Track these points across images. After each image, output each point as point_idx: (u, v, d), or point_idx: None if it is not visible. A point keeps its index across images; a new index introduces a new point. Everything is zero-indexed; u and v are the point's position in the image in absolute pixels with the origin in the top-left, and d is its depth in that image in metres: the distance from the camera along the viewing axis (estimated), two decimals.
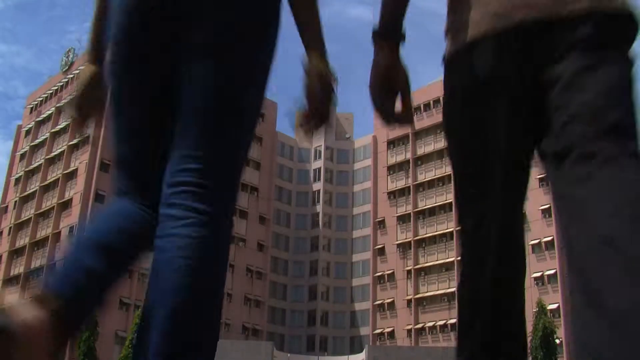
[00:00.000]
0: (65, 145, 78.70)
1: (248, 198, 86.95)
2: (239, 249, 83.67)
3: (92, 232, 2.05)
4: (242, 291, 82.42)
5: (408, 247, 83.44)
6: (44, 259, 74.81)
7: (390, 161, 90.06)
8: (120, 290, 70.03)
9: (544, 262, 71.46)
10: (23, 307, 1.71)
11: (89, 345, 57.08)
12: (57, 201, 76.00)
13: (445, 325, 75.68)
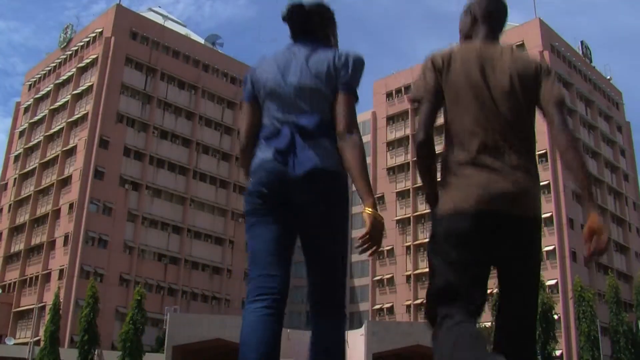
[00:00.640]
0: (64, 122, 78.55)
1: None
2: (238, 225, 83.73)
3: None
4: (242, 267, 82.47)
5: (407, 223, 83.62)
6: (44, 235, 74.94)
7: (389, 137, 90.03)
8: (121, 267, 70.35)
9: (542, 238, 70.65)
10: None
11: (89, 321, 57.21)
12: (57, 178, 75.97)
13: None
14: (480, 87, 3.29)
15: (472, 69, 3.32)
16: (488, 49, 3.41)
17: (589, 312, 57.10)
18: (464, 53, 3.39)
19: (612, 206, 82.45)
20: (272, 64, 3.47)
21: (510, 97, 3.29)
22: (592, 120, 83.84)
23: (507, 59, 3.38)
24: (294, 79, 3.37)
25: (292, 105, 3.35)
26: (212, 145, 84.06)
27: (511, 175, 3.20)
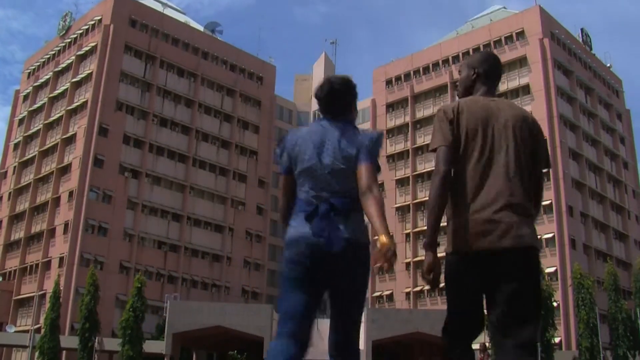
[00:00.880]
0: (64, 110, 78.45)
1: (247, 162, 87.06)
2: (238, 212, 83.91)
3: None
4: (242, 254, 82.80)
5: (407, 211, 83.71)
6: (44, 223, 75.03)
7: (389, 124, 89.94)
8: (121, 255, 70.48)
9: (542, 226, 71.57)
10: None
11: (90, 309, 57.47)
12: (57, 166, 75.96)
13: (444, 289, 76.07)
14: (484, 139, 3.86)
15: (479, 122, 3.89)
16: (492, 103, 3.97)
17: (588, 300, 57.29)
18: (470, 107, 3.94)
19: (611, 194, 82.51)
20: (308, 143, 4.03)
21: (511, 145, 3.85)
22: (592, 108, 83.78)
23: (508, 112, 3.95)
24: (329, 161, 3.95)
25: (327, 184, 3.93)
26: (211, 132, 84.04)
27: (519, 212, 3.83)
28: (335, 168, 3.92)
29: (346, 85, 4.19)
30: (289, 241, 3.96)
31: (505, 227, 3.70)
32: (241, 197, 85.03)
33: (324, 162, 3.94)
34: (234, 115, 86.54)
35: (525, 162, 3.87)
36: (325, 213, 3.85)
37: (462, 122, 3.88)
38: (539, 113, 75.34)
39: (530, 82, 77.54)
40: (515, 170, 3.81)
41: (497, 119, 3.89)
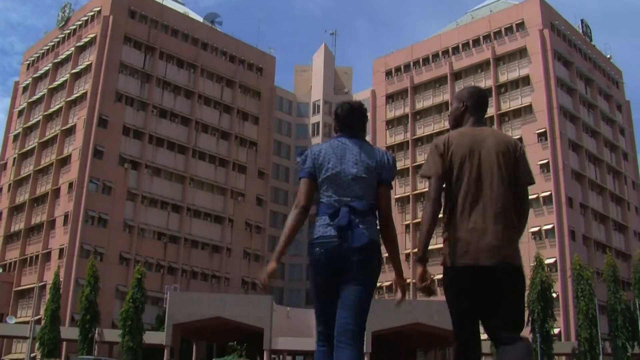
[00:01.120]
0: (63, 101, 78.39)
1: (247, 153, 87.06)
2: (237, 203, 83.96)
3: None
4: (242, 245, 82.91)
5: (406, 202, 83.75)
6: (44, 215, 75.06)
7: (388, 115, 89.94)
8: (121, 246, 70.54)
9: (541, 217, 71.73)
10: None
11: (90, 300, 57.55)
12: (56, 157, 75.94)
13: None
14: (474, 167, 4.45)
15: (467, 151, 4.47)
16: (477, 134, 4.56)
17: (587, 291, 57.43)
18: (459, 139, 4.54)
19: (611, 185, 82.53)
20: (331, 154, 4.64)
21: (497, 171, 4.43)
22: (592, 99, 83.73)
23: (492, 140, 4.51)
24: (352, 170, 4.57)
25: (349, 190, 4.54)
26: (211, 123, 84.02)
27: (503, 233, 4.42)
28: (358, 176, 4.55)
29: (362, 107, 4.90)
30: (315, 240, 4.60)
31: (493, 248, 4.32)
32: (241, 188, 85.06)
33: (347, 170, 4.56)
34: (233, 106, 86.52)
35: (509, 182, 4.47)
36: (347, 215, 4.46)
37: (452, 152, 4.47)
38: (538, 104, 75.41)
39: (530, 73, 77.47)
40: (500, 192, 4.42)
41: (482, 146, 4.46)
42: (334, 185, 4.57)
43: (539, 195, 72.47)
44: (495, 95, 79.45)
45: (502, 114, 78.78)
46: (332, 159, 4.61)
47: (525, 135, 75.78)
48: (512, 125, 77.75)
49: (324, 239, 4.53)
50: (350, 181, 4.55)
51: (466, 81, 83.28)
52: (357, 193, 4.54)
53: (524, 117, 76.86)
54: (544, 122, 74.83)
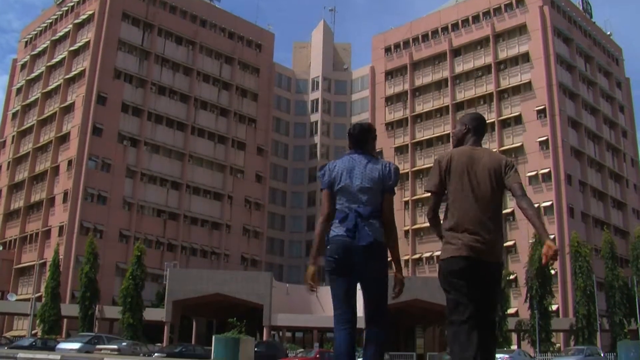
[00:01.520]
0: (62, 79, 78.22)
1: (246, 129, 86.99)
2: (237, 180, 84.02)
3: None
4: (241, 222, 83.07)
5: (405, 178, 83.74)
6: (43, 192, 75.12)
7: (388, 92, 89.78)
8: (121, 223, 70.64)
9: (540, 194, 71.81)
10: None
11: (90, 277, 57.79)
12: (55, 135, 75.90)
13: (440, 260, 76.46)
14: (468, 180, 5.28)
15: (464, 167, 5.31)
16: (473, 153, 5.40)
17: (585, 268, 57.67)
18: (458, 156, 5.38)
19: (610, 162, 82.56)
20: (342, 169, 5.54)
21: (488, 184, 5.26)
22: (592, 76, 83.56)
23: (486, 159, 5.35)
24: (358, 182, 5.45)
25: (356, 199, 5.41)
26: (210, 100, 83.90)
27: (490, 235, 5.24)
28: (363, 186, 5.44)
29: (372, 128, 5.87)
30: (330, 240, 5.44)
31: (484, 243, 5.14)
32: (240, 165, 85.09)
33: (354, 182, 5.46)
34: (232, 83, 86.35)
35: (499, 194, 5.33)
36: (354, 219, 5.33)
37: (452, 167, 5.33)
38: (538, 81, 75.26)
39: (529, 49, 77.25)
40: (489, 202, 5.26)
41: (479, 164, 5.31)
42: (345, 194, 5.47)
43: (538, 172, 72.55)
44: (495, 72, 79.30)
45: (501, 91, 78.65)
46: (343, 173, 5.53)
47: (524, 112, 75.74)
48: (511, 102, 77.65)
49: (337, 238, 5.38)
50: (357, 191, 5.43)
51: (465, 58, 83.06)
52: (363, 201, 5.41)
53: (524, 94, 76.73)
54: (544, 99, 74.72)
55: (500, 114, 77.77)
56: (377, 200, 5.45)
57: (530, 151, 73.81)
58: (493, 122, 77.83)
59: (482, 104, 79.91)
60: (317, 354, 41.53)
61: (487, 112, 78.95)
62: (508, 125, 77.45)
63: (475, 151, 5.44)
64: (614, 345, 48.08)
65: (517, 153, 74.97)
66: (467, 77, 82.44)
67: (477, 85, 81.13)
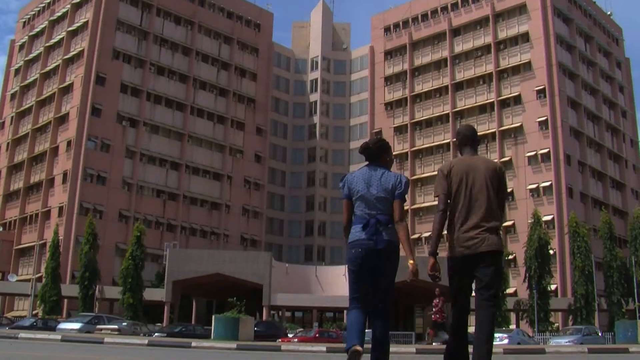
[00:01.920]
0: (60, 59, 78.00)
1: (245, 109, 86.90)
2: (236, 160, 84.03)
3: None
4: (240, 202, 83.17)
5: (405, 158, 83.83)
6: (42, 173, 75.13)
7: (387, 72, 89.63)
8: (120, 203, 70.71)
9: (539, 174, 71.91)
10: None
11: (90, 258, 57.93)
12: (54, 115, 75.79)
13: (442, 237, 76.59)
14: (468, 186, 6.24)
15: (463, 175, 6.27)
16: (472, 162, 6.37)
17: (583, 248, 57.78)
18: (458, 165, 6.36)
19: (609, 143, 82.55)
20: (360, 180, 6.34)
21: (484, 188, 6.23)
22: (592, 56, 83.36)
23: (483, 166, 6.32)
24: (375, 191, 6.25)
25: (374, 206, 6.23)
26: (209, 80, 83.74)
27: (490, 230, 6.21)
28: (379, 196, 6.24)
29: (385, 143, 6.56)
30: (350, 243, 6.28)
31: (482, 240, 6.11)
32: (239, 145, 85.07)
33: (371, 192, 6.27)
34: (231, 63, 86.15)
35: (494, 196, 6.28)
36: (374, 224, 6.17)
37: (453, 175, 6.30)
38: (537, 61, 75.07)
39: (529, 29, 77.00)
40: (488, 204, 6.21)
41: (476, 171, 6.27)
42: (363, 202, 6.28)
43: (537, 152, 72.57)
44: (494, 52, 79.10)
45: (500, 71, 78.50)
46: (360, 184, 6.33)
47: (524, 92, 75.63)
48: (510, 82, 77.52)
49: (358, 242, 6.21)
50: (374, 200, 6.25)
51: (465, 37, 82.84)
52: (380, 209, 6.23)
53: (523, 74, 76.58)
54: (543, 79, 74.59)
55: (500, 94, 77.68)
56: (390, 208, 6.27)
57: (530, 131, 73.80)
58: (492, 102, 77.81)
59: (482, 84, 79.82)
60: (317, 333, 41.77)
61: (486, 92, 78.95)
62: (507, 106, 77.38)
63: (473, 160, 6.41)
64: (612, 325, 48.31)
65: (517, 133, 74.99)
66: (467, 57, 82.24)
67: (476, 65, 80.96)
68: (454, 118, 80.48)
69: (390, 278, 6.29)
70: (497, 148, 75.80)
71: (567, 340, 38.59)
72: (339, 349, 20.03)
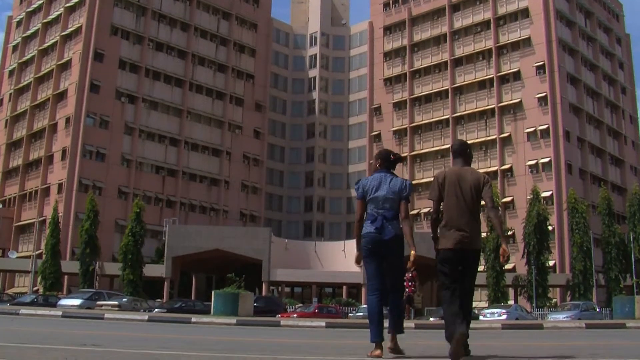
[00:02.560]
0: (58, 35, 77.64)
1: (244, 85, 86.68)
2: (235, 136, 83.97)
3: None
4: (240, 178, 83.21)
5: (404, 134, 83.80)
6: (41, 150, 75.10)
7: (386, 47, 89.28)
8: (119, 180, 70.77)
9: (538, 150, 71.93)
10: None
11: (90, 234, 58.07)
12: (52, 92, 75.60)
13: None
14: (457, 192, 7.33)
15: (454, 183, 7.36)
16: (461, 172, 7.47)
17: (582, 224, 57.93)
18: (450, 175, 7.46)
19: (608, 119, 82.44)
20: (373, 184, 7.69)
21: (470, 195, 7.33)
22: (591, 32, 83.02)
23: (470, 177, 7.42)
24: (384, 193, 7.60)
25: (382, 206, 7.58)
26: (207, 56, 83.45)
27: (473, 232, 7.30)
28: (387, 197, 7.61)
29: (398, 156, 8.05)
30: (363, 235, 7.62)
31: (467, 237, 7.22)
32: (238, 121, 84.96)
33: (381, 194, 7.62)
34: (230, 39, 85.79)
35: (478, 202, 7.38)
36: (381, 220, 7.54)
37: (446, 182, 7.43)
38: (537, 37, 74.81)
39: (529, 5, 76.60)
40: (472, 208, 7.34)
41: (464, 180, 7.40)
42: (374, 202, 7.64)
43: (537, 128, 72.54)
44: (494, 28, 78.79)
45: (500, 47, 78.22)
46: (373, 187, 7.69)
47: (523, 68, 75.43)
48: (510, 57, 77.28)
49: (368, 234, 7.57)
50: (383, 200, 7.60)
51: (464, 13, 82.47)
52: (387, 207, 7.60)
53: (523, 49, 76.33)
54: (543, 55, 74.37)
55: (499, 70, 77.47)
56: (396, 206, 7.61)
57: (529, 107, 73.69)
58: (492, 78, 77.64)
59: (481, 59, 79.58)
60: (316, 308, 42.02)
61: (485, 68, 78.74)
62: (507, 82, 77.20)
63: (462, 170, 7.54)
64: (610, 301, 48.52)
65: (516, 109, 74.90)
66: (466, 33, 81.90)
67: (476, 41, 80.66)
68: (453, 94, 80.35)
69: (398, 260, 7.65)
70: (496, 124, 75.75)
71: (564, 316, 38.85)
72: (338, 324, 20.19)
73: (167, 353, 7.55)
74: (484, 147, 76.51)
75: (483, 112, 77.39)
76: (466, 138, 77.94)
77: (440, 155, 79.64)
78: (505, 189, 72.71)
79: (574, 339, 13.31)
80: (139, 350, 7.95)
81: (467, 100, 79.61)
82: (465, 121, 79.23)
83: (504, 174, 73.99)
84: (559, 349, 9.79)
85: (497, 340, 12.38)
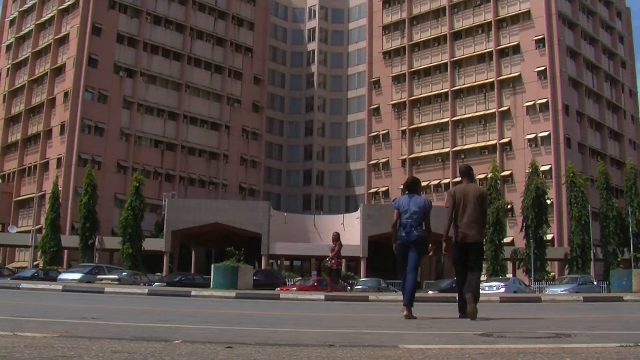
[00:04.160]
0: (55, 9, 77.21)
1: (242, 59, 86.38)
2: (234, 109, 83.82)
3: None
4: (238, 152, 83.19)
5: (403, 108, 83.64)
6: (40, 125, 75.02)
7: (385, 21, 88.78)
8: (118, 154, 70.73)
9: (537, 124, 71.85)
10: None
11: (89, 209, 58.11)
12: (50, 67, 75.38)
13: (439, 185, 76.90)
14: (464, 204, 10.02)
15: (462, 196, 10.08)
16: (467, 188, 10.20)
17: (580, 198, 57.95)
18: (459, 190, 10.22)
19: (608, 93, 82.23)
20: (405, 202, 10.30)
21: (474, 205, 10.03)
22: (591, 6, 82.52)
23: (474, 191, 10.16)
24: (414, 208, 10.24)
25: (411, 217, 10.21)
26: (206, 30, 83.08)
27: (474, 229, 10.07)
28: (415, 210, 10.20)
29: (417, 180, 10.89)
30: (398, 237, 10.20)
31: (472, 233, 9.90)
32: (237, 95, 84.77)
33: (411, 208, 10.22)
34: (228, 12, 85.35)
35: (479, 210, 10.03)
36: (409, 227, 10.15)
37: (456, 197, 10.10)
38: (537, 10, 74.43)
39: None
40: (475, 214, 9.98)
41: (469, 194, 10.06)
42: (406, 214, 10.23)
43: (536, 102, 72.42)
44: (493, 1, 78.33)
45: (500, 20, 77.82)
46: (404, 204, 10.29)
47: (522, 42, 75.15)
48: (509, 31, 76.93)
49: (400, 237, 10.19)
50: (412, 213, 10.20)
51: None
52: (414, 218, 10.19)
53: (522, 23, 75.95)
54: (542, 28, 74.04)
55: (499, 44, 77.16)
56: (421, 217, 10.22)
57: (528, 81, 73.51)
58: (491, 51, 77.35)
59: (481, 33, 79.21)
60: (315, 281, 42.15)
61: (485, 42, 78.42)
62: (506, 55, 76.91)
63: (468, 187, 10.24)
64: (607, 274, 48.66)
65: (515, 83, 74.73)
66: (466, 6, 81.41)
67: (475, 14, 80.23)
68: (453, 67, 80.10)
69: (418, 254, 10.17)
70: (495, 98, 75.61)
71: (562, 289, 39.01)
72: (336, 297, 20.30)
73: (166, 326, 7.61)
74: (483, 121, 76.45)
75: (482, 85, 77.20)
76: (465, 111, 78.04)
77: (439, 128, 79.56)
78: (504, 162, 72.72)
79: (572, 312, 13.41)
80: (139, 323, 8.02)
81: (467, 74, 79.37)
82: (465, 94, 79.04)
83: (503, 148, 73.97)
84: (557, 321, 9.88)
85: (496, 313, 12.47)
